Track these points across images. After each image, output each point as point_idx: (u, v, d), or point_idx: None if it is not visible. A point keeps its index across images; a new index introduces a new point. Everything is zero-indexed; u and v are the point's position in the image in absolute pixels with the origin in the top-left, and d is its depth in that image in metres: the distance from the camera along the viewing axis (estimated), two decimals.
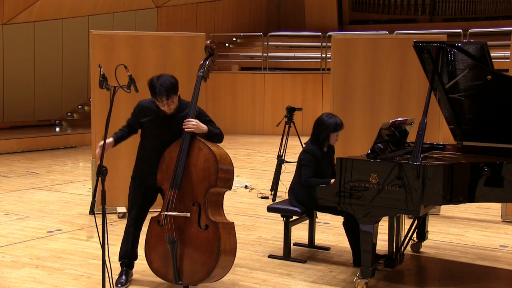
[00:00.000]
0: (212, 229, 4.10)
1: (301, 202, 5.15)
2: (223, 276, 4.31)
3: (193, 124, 4.22)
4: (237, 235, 4.30)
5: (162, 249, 4.26)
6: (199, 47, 6.80)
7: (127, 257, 4.59)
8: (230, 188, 4.30)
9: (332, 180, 4.60)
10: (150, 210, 4.63)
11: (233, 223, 4.29)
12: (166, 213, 4.19)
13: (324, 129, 5.06)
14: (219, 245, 4.06)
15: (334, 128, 5.06)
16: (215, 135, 4.36)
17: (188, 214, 4.16)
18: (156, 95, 4.23)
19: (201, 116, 4.39)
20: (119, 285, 4.48)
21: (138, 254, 4.66)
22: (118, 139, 4.50)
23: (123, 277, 4.55)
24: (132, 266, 4.65)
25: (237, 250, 5.28)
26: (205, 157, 4.18)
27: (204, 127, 4.27)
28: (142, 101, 4.52)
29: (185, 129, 4.21)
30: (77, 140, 13.84)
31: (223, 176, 4.19)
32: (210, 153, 4.17)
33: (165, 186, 4.29)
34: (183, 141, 4.22)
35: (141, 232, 4.60)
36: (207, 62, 4.50)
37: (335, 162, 4.77)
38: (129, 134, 4.57)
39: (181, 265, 4.20)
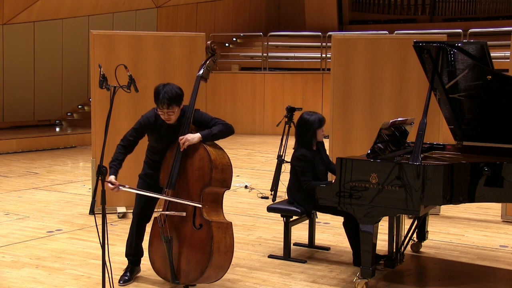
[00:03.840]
0: (206, 228, 4.10)
1: (299, 204, 5.16)
2: (221, 277, 4.30)
3: (186, 140, 4.17)
4: (237, 235, 4.29)
5: (162, 249, 4.27)
6: (199, 47, 6.80)
7: (131, 253, 4.62)
8: (228, 187, 4.29)
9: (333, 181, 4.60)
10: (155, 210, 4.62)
11: (231, 223, 4.27)
12: (162, 212, 4.24)
13: (309, 128, 5.10)
14: (212, 244, 4.06)
15: (319, 124, 5.11)
16: (214, 136, 4.30)
17: (184, 214, 4.17)
18: (158, 101, 4.21)
19: (204, 123, 4.35)
20: (121, 282, 4.51)
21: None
22: (118, 169, 4.32)
23: (128, 273, 4.59)
24: (138, 263, 4.67)
25: (237, 250, 5.27)
26: (200, 156, 4.18)
27: (196, 136, 4.20)
28: (144, 117, 4.41)
29: (181, 149, 4.18)
30: (77, 140, 13.84)
31: (218, 176, 4.17)
32: (205, 152, 4.17)
33: (165, 185, 4.31)
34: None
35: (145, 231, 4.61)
36: (208, 62, 4.52)
37: (334, 162, 4.78)
38: (126, 155, 4.41)
39: (178, 264, 4.22)
